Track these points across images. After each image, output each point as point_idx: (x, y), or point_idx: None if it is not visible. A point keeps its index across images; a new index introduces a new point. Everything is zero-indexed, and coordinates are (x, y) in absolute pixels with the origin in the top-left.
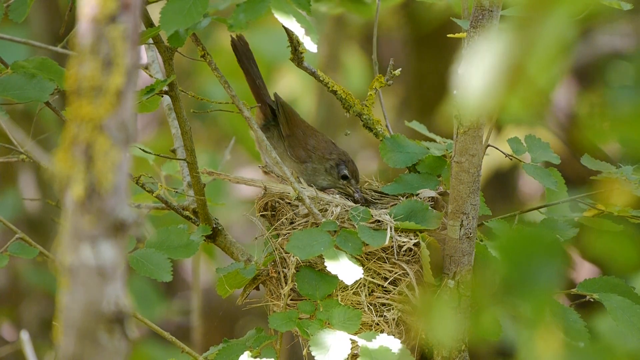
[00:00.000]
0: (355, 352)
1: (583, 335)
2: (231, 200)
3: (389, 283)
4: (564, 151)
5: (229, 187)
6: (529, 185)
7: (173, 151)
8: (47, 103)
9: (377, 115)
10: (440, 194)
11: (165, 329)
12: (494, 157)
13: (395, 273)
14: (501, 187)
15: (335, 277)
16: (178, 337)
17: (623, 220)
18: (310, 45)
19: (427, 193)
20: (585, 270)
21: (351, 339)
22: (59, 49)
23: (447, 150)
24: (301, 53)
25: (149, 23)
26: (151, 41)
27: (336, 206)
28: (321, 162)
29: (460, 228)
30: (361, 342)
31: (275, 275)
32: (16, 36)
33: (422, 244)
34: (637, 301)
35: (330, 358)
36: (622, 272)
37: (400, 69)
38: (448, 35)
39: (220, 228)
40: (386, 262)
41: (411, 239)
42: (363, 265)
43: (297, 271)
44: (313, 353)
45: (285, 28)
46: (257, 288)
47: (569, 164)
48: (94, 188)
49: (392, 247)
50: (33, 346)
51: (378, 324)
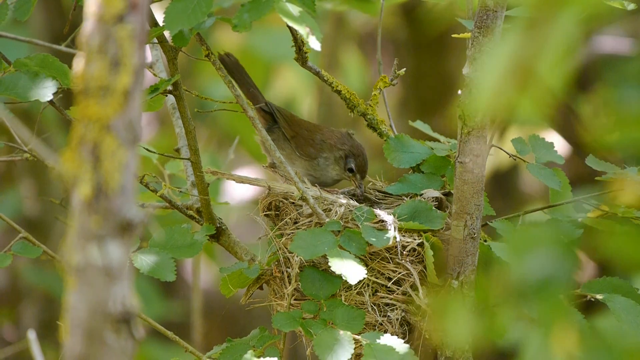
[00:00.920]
0: (358, 352)
1: (588, 335)
2: (230, 200)
3: (393, 283)
4: (566, 151)
5: (228, 188)
6: (529, 185)
7: (177, 150)
8: (51, 102)
9: (381, 115)
10: (444, 194)
11: (166, 329)
12: (494, 157)
13: (399, 273)
14: (500, 187)
15: (339, 277)
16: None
17: (627, 221)
18: (315, 44)
19: (431, 193)
20: (587, 271)
21: (355, 339)
22: (63, 48)
23: (451, 150)
24: (305, 53)
25: (154, 22)
26: (155, 40)
27: (340, 206)
28: (332, 151)
29: (464, 228)
30: (365, 342)
31: (279, 275)
32: (17, 35)
33: (426, 244)
34: None
35: (333, 358)
36: (627, 273)
37: (404, 69)
38: (453, 35)
39: (224, 227)
40: (390, 262)
41: (415, 239)
42: (367, 265)
43: (301, 271)
44: (317, 353)
45: (289, 28)
46: (261, 288)
47: (570, 164)
48: (101, 188)
49: (396, 247)
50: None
51: (382, 324)
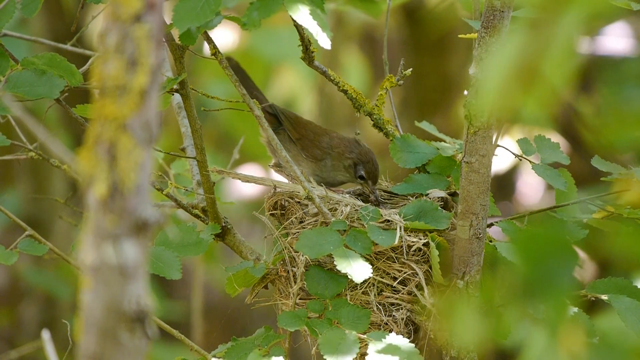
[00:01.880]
0: (364, 352)
1: (592, 335)
2: (232, 199)
3: (398, 283)
4: (566, 150)
5: (232, 187)
6: (529, 185)
7: (182, 149)
8: (58, 100)
9: (387, 115)
10: (449, 194)
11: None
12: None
13: (404, 273)
14: (500, 188)
15: (344, 277)
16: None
17: (632, 222)
18: (324, 42)
19: (437, 193)
20: (588, 271)
21: (360, 339)
22: (68, 47)
23: (457, 150)
24: (312, 52)
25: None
26: (163, 39)
27: (346, 205)
28: (340, 160)
29: (469, 228)
30: (370, 342)
31: (284, 274)
32: (22, 34)
33: (432, 244)
34: None
35: (339, 357)
36: (630, 272)
37: (411, 69)
38: (459, 35)
39: (229, 227)
40: (395, 262)
41: (420, 239)
42: (372, 264)
43: (307, 270)
44: (322, 352)
45: (296, 27)
46: (266, 287)
47: (571, 164)
48: (117, 187)
49: (402, 247)
50: (33, 346)
51: (387, 324)
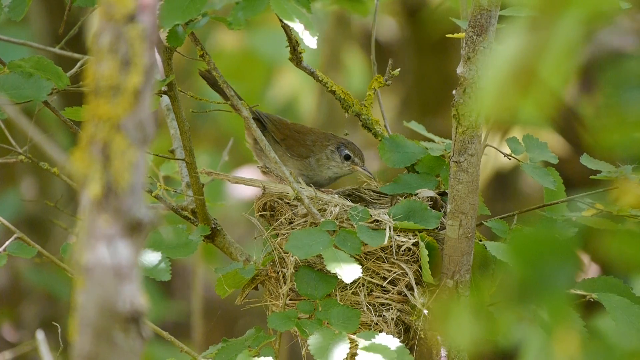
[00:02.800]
0: (354, 352)
1: (583, 334)
2: (231, 201)
3: (388, 283)
4: (568, 151)
5: (229, 188)
6: (530, 186)
7: (171, 152)
8: (46, 102)
9: (376, 115)
10: (439, 194)
11: (164, 329)
12: (494, 159)
13: (394, 273)
14: (501, 189)
15: (334, 277)
16: (178, 337)
17: (622, 219)
18: (309, 40)
19: (426, 193)
20: (590, 272)
21: (350, 339)
22: (57, 50)
23: (446, 150)
24: (300, 53)
25: None
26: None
27: (335, 206)
28: (322, 150)
29: (459, 228)
30: (360, 342)
31: (274, 275)
32: (17, 36)
33: (421, 244)
34: (636, 301)
35: (329, 358)
36: (626, 272)
37: (399, 69)
38: (447, 35)
39: (219, 228)
40: (385, 262)
41: (410, 239)
42: (362, 264)
43: (296, 271)
44: (312, 353)
45: (284, 28)
46: (256, 288)
47: (573, 164)
48: (111, 187)
49: (391, 247)
50: (33, 347)
51: (377, 324)
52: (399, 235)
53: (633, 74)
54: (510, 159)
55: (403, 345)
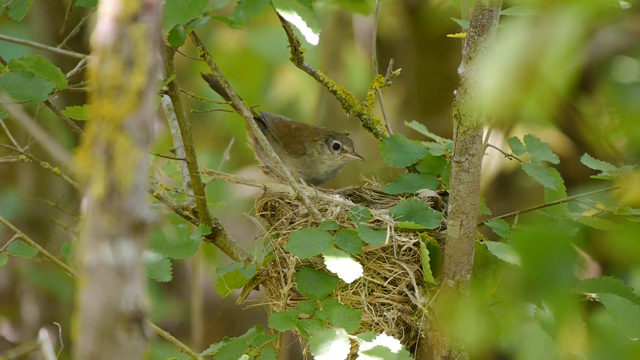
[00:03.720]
0: (354, 352)
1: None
2: (233, 200)
3: (389, 283)
4: (570, 149)
5: (230, 188)
6: (534, 186)
7: (173, 152)
8: (47, 102)
9: (377, 115)
10: (440, 194)
11: (165, 329)
12: (498, 159)
13: (395, 273)
14: (504, 188)
15: (335, 277)
16: (178, 337)
17: (623, 219)
18: (311, 38)
19: (427, 193)
20: (591, 272)
21: (351, 339)
22: (58, 50)
23: (447, 150)
24: (301, 53)
25: None
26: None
27: (336, 206)
28: (313, 145)
29: (460, 228)
30: (361, 342)
31: (275, 275)
32: (18, 35)
33: (422, 244)
34: (636, 301)
35: (329, 358)
36: (627, 268)
37: (400, 69)
38: (448, 35)
39: (220, 228)
40: (386, 262)
41: (411, 239)
42: (363, 264)
43: (297, 271)
44: (312, 353)
45: (285, 28)
46: (257, 288)
47: (575, 164)
48: (114, 187)
49: (392, 247)
50: (36, 346)
51: (378, 324)
52: (400, 235)
53: (633, 73)
54: (511, 159)
55: (404, 345)
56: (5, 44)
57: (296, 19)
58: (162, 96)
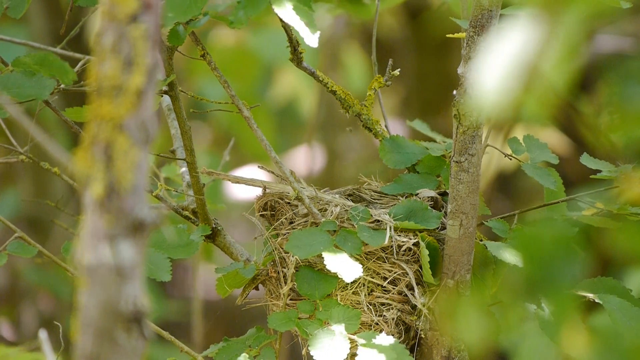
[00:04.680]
0: (354, 352)
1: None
2: (232, 201)
3: (389, 282)
4: (570, 149)
5: (230, 188)
6: (534, 186)
7: (172, 152)
8: (47, 102)
9: (377, 115)
10: (439, 194)
11: (164, 329)
12: (498, 159)
13: (394, 272)
14: (505, 188)
15: (334, 277)
16: (178, 337)
17: (622, 218)
18: (311, 39)
19: (427, 193)
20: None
21: (350, 339)
22: (58, 50)
23: (447, 150)
24: (300, 53)
25: None
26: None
27: (336, 206)
28: None
29: (459, 227)
30: (360, 342)
31: (274, 275)
32: (17, 35)
33: (422, 244)
34: (636, 303)
35: (329, 358)
36: (626, 267)
37: (399, 70)
38: (447, 35)
39: (219, 228)
40: (385, 262)
41: (410, 239)
42: (362, 264)
43: (297, 271)
44: (312, 353)
45: (284, 27)
46: (257, 288)
47: (575, 163)
48: (114, 187)
49: (392, 247)
50: (33, 346)
51: (377, 324)
52: (400, 235)
53: (634, 72)
54: (511, 159)
55: (403, 345)
56: (5, 45)
57: (295, 20)
58: (162, 96)
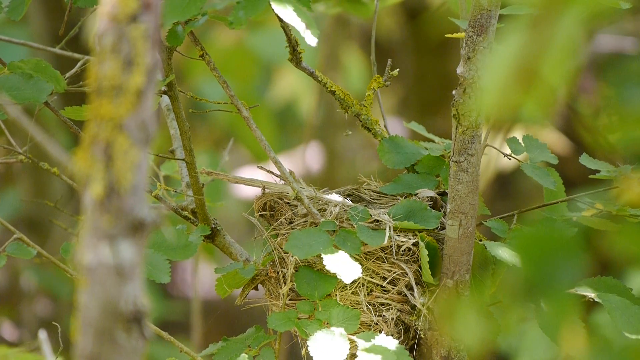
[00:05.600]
0: (353, 352)
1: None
2: (232, 200)
3: (388, 283)
4: (569, 149)
5: (230, 188)
6: (533, 186)
7: (172, 152)
8: (46, 103)
9: (376, 115)
10: (439, 194)
11: (164, 329)
12: (496, 159)
13: (394, 273)
14: (503, 189)
15: (334, 277)
16: (177, 337)
17: (621, 219)
18: (310, 39)
19: (426, 193)
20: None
21: (350, 339)
22: (57, 50)
23: (446, 150)
24: (299, 53)
25: None
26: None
27: (335, 206)
28: None
29: (459, 227)
30: (360, 342)
31: (274, 275)
32: (16, 36)
33: (421, 244)
34: (636, 302)
35: (328, 358)
36: (625, 268)
37: (398, 70)
38: (446, 35)
39: (219, 228)
40: (385, 262)
41: (410, 239)
42: (362, 264)
43: (296, 271)
44: (312, 353)
45: (283, 28)
46: (256, 288)
47: (575, 164)
48: (113, 187)
49: (391, 247)
50: (33, 346)
51: (377, 324)
52: (399, 235)
53: (633, 73)
54: (510, 159)
55: (403, 346)
56: (4, 45)
57: (294, 20)
58: (161, 96)
